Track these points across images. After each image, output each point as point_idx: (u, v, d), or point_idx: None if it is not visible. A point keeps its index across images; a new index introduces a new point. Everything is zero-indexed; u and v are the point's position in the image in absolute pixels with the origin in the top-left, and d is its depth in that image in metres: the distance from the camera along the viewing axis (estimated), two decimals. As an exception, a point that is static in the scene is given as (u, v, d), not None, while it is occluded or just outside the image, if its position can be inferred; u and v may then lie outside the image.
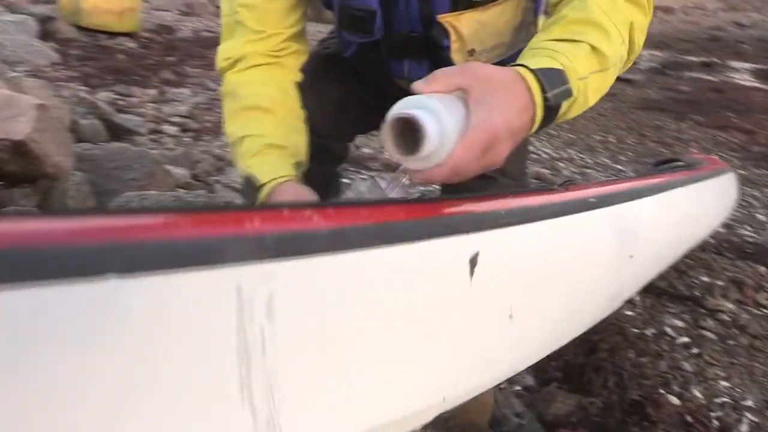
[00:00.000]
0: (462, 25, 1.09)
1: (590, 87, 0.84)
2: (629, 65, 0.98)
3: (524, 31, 1.19)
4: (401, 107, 0.70)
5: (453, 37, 1.10)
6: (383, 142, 0.71)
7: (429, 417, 0.69)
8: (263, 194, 1.03)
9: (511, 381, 1.93)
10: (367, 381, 0.61)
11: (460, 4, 1.09)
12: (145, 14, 7.53)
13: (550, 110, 0.78)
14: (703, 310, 2.33)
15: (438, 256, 0.69)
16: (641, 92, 6.97)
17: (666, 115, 5.88)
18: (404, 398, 0.65)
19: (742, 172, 4.21)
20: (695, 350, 2.09)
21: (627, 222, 1.14)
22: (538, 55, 0.81)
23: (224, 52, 1.14)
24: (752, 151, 5.02)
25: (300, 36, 1.19)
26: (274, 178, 1.03)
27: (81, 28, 6.51)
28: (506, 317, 0.81)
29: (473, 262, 0.74)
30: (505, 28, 1.14)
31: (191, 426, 0.45)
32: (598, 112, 5.74)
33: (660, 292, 2.46)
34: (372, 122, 0.95)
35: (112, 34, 6.53)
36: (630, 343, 2.01)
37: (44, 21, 6.20)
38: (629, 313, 2.33)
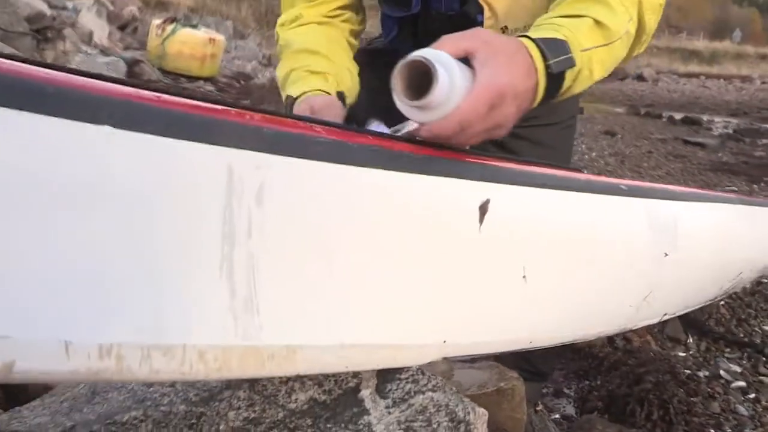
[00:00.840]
0: (496, 1, 1.11)
1: (595, 60, 0.84)
2: (641, 48, 0.98)
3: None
4: (414, 53, 0.70)
5: (487, 13, 1.12)
6: (392, 87, 0.70)
7: (426, 357, 0.68)
8: (294, 107, 1.02)
9: (550, 408, 1.85)
10: (357, 296, 0.61)
11: None
12: (226, 62, 7.95)
13: (553, 79, 0.79)
14: (764, 358, 2.19)
15: (444, 192, 0.69)
16: (713, 156, 6.76)
17: (738, 177, 5.68)
18: (396, 325, 0.64)
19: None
20: (752, 395, 1.96)
21: (662, 219, 1.10)
22: (541, 29, 0.83)
23: (282, 18, 1.20)
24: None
25: (354, 7, 1.25)
26: (306, 91, 1.03)
27: (165, 72, 6.95)
28: (519, 276, 0.79)
29: (483, 209, 0.74)
30: (538, 6, 1.15)
31: (165, 286, 0.46)
32: (666, 171, 5.61)
33: (717, 336, 2.33)
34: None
35: (193, 78, 6.93)
36: (680, 382, 1.90)
37: (132, 64, 6.66)
38: (681, 354, 2.21)
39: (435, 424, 0.61)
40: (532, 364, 1.64)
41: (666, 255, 1.12)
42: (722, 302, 2.58)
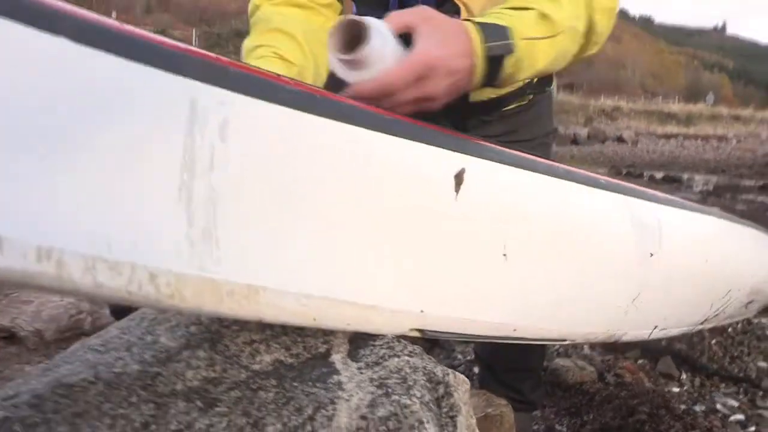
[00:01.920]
0: (472, 2, 1.11)
1: (539, 50, 0.86)
2: (592, 49, 1.00)
3: None
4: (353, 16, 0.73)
5: (464, 14, 1.11)
6: (328, 43, 0.73)
7: (402, 324, 0.64)
8: None
9: (541, 441, 1.78)
10: (326, 248, 0.58)
11: None
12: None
13: (492, 63, 0.80)
14: (761, 391, 2.13)
15: (416, 154, 0.67)
16: (694, 209, 6.84)
17: (721, 227, 5.71)
18: (369, 284, 0.60)
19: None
20: (752, 428, 1.89)
21: (646, 218, 1.09)
22: (487, 17, 0.85)
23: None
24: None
25: None
26: None
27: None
28: (499, 254, 0.76)
29: (459, 178, 0.72)
30: None
31: (117, 200, 0.44)
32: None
33: (711, 372, 2.28)
34: None
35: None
36: (676, 416, 1.84)
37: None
38: (675, 389, 2.15)
39: (411, 381, 0.57)
40: (520, 393, 1.58)
41: (651, 255, 1.09)
42: (714, 340, 2.55)
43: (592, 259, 0.96)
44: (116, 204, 0.44)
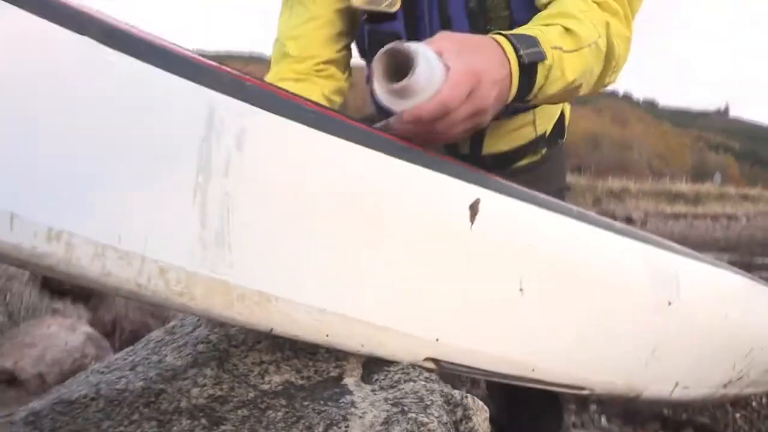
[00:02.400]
0: None
1: (566, 61, 0.87)
2: (613, 76, 1.01)
3: None
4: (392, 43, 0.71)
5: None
6: (373, 75, 0.70)
7: (417, 351, 0.62)
8: None
9: None
10: (342, 265, 0.56)
11: (479, 32, 1.17)
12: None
13: (525, 70, 0.80)
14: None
15: (431, 182, 0.67)
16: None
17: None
18: (385, 306, 0.59)
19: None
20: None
21: (662, 266, 1.07)
22: (512, 32, 0.85)
23: (269, 77, 1.21)
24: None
25: (339, 63, 1.25)
26: None
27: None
28: (515, 288, 0.75)
29: (474, 208, 0.71)
30: None
31: (132, 192, 0.43)
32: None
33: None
34: None
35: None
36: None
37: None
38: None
39: (428, 401, 0.54)
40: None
41: (669, 304, 1.06)
42: (738, 414, 2.45)
43: (609, 302, 0.93)
44: (130, 196, 0.43)
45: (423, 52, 0.69)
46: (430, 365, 0.65)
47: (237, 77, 0.54)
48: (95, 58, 0.45)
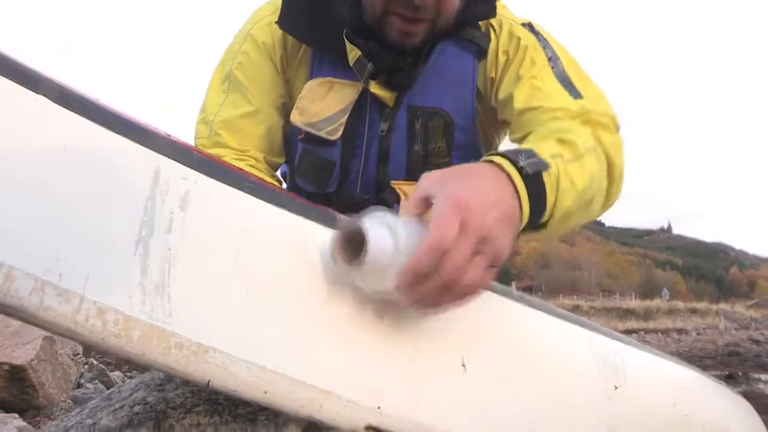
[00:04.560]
0: (411, 190, 1.14)
1: (572, 170, 0.82)
2: (616, 191, 1.00)
3: None
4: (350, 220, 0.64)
5: (403, 201, 1.14)
6: (334, 260, 0.63)
7: (357, 417, 0.61)
8: None
9: None
10: (282, 327, 0.57)
11: (415, 174, 1.17)
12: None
13: (531, 183, 0.74)
14: None
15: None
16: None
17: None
18: (326, 370, 0.59)
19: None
20: None
21: (607, 351, 1.09)
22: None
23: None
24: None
25: (274, 167, 1.23)
26: None
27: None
28: (458, 363, 0.76)
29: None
30: None
31: (75, 236, 0.45)
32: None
33: None
34: None
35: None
36: None
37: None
38: None
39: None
40: None
41: (616, 388, 1.08)
42: None
43: (555, 385, 0.94)
44: (74, 240, 0.45)
45: (384, 223, 0.63)
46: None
47: (184, 145, 0.58)
48: (54, 115, 0.48)
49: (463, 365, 0.77)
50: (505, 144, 1.30)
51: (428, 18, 1.05)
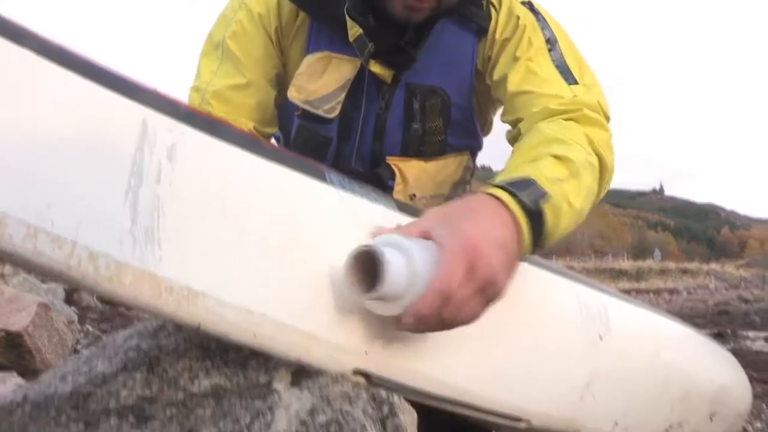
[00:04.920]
0: (408, 169, 1.18)
1: (570, 192, 0.83)
2: (605, 189, 1.02)
3: (460, 188, 1.30)
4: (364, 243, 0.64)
5: (398, 178, 1.18)
6: (346, 284, 0.63)
7: (344, 361, 0.63)
8: None
9: None
10: (270, 273, 0.59)
11: (410, 150, 1.19)
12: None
13: (533, 215, 0.76)
14: None
15: (362, 210, 0.71)
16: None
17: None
18: (313, 315, 0.61)
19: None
20: None
21: (592, 303, 1.12)
22: (504, 176, 0.81)
23: None
24: (778, 397, 4.80)
25: (265, 136, 1.22)
26: None
27: (104, 301, 6.87)
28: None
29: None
30: (445, 182, 1.25)
31: (67, 184, 0.46)
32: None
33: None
34: None
35: (133, 303, 6.82)
36: None
37: (72, 291, 6.58)
38: None
39: (354, 395, 0.56)
40: None
41: (601, 338, 1.11)
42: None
43: (541, 331, 0.97)
44: (64, 188, 0.46)
45: (394, 242, 0.64)
46: (360, 380, 0.67)
47: (171, 99, 0.59)
48: (42, 69, 0.49)
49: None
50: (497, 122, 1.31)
51: None
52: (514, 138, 1.09)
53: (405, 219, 0.78)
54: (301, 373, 0.61)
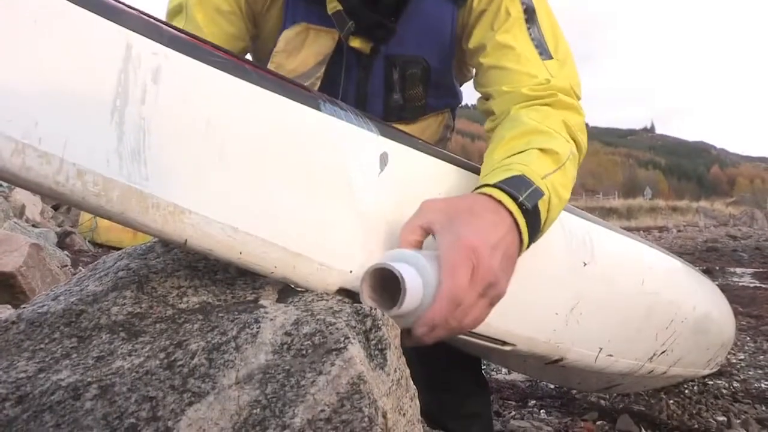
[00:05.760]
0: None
1: (558, 184, 0.85)
2: (580, 165, 1.01)
3: (440, 145, 1.31)
4: (382, 259, 0.68)
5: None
6: (362, 293, 0.66)
7: (329, 280, 0.65)
8: None
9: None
10: (253, 192, 0.60)
11: (392, 115, 1.20)
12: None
13: (530, 215, 0.78)
14: (725, 440, 2.13)
15: (339, 130, 0.71)
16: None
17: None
18: (298, 233, 0.62)
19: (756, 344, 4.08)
20: (715, 478, 1.87)
21: (576, 230, 1.14)
22: (495, 174, 0.82)
23: None
24: (762, 330, 4.97)
25: None
26: None
27: (96, 244, 6.90)
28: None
29: (384, 159, 0.76)
30: (427, 141, 1.25)
31: (52, 101, 0.47)
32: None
33: (671, 428, 2.27)
34: None
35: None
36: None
37: (64, 235, 6.59)
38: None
39: (337, 309, 0.58)
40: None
41: (585, 265, 1.13)
42: (671, 401, 2.56)
43: (525, 256, 0.99)
44: (50, 106, 0.47)
45: (408, 258, 0.67)
46: (345, 299, 0.69)
47: (155, 22, 0.58)
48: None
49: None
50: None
51: None
52: (486, 112, 1.10)
53: (387, 143, 0.79)
54: (287, 291, 0.63)
